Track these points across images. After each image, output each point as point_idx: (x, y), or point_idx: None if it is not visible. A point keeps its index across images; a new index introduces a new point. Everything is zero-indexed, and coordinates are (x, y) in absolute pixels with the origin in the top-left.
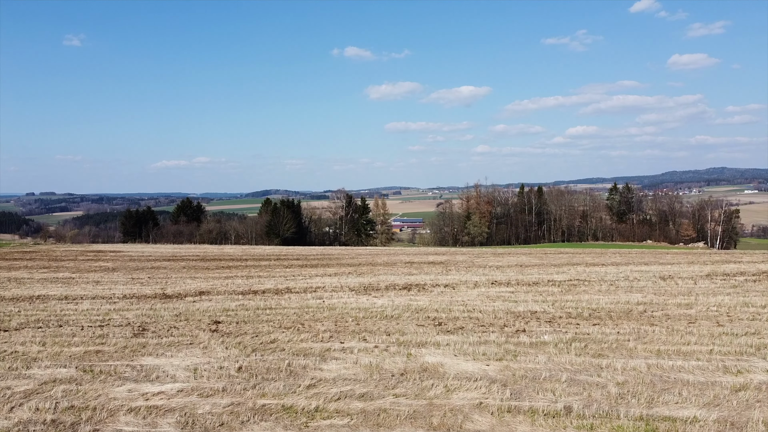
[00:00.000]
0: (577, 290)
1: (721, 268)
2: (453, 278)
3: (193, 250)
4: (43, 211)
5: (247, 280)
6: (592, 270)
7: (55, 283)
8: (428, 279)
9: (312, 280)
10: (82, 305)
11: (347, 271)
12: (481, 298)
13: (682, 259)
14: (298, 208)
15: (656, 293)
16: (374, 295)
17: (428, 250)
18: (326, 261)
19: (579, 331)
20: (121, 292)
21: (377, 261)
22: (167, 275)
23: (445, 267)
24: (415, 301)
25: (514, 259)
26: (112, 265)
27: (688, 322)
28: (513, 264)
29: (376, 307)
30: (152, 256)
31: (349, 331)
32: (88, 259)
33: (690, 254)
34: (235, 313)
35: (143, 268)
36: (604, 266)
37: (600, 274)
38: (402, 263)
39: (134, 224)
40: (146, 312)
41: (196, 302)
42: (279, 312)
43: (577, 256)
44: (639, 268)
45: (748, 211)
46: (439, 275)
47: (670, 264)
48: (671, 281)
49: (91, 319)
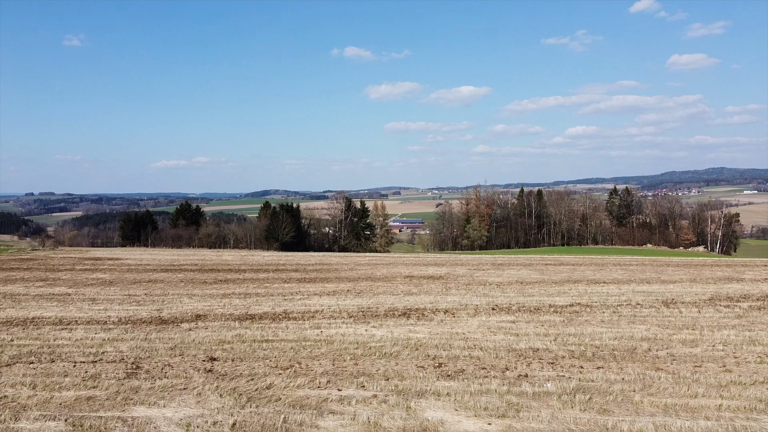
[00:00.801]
0: (579, 320)
1: (724, 290)
2: (453, 300)
3: (191, 256)
4: (42, 211)
5: (244, 299)
6: (594, 291)
7: (50, 301)
8: (428, 301)
9: (310, 301)
10: (76, 332)
11: (346, 287)
12: (481, 330)
13: (684, 274)
14: (297, 212)
15: (660, 325)
16: (373, 324)
17: (427, 258)
18: (324, 274)
19: (583, 377)
20: (116, 315)
21: (376, 275)
22: (164, 291)
23: (444, 284)
24: (415, 333)
25: (515, 273)
26: (110, 278)
27: (694, 365)
28: (513, 280)
29: (375, 341)
30: (150, 264)
31: (347, 374)
32: (86, 269)
33: (691, 267)
34: (231, 347)
35: (140, 282)
36: (606, 284)
37: (602, 296)
38: (401, 277)
39: (133, 228)
40: (140, 344)
41: (192, 330)
42: (276, 347)
43: (578, 270)
44: (641, 288)
45: (748, 212)
46: (438, 295)
47: (672, 282)
48: (674, 308)
49: (85, 352)
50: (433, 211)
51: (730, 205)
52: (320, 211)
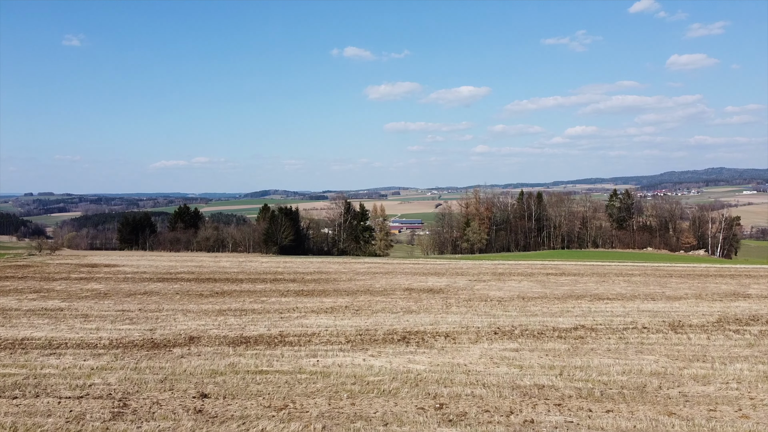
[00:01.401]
0: (584, 348)
1: (731, 309)
2: (453, 321)
3: (189, 263)
4: (41, 211)
5: (240, 317)
6: (598, 309)
7: (42, 318)
8: (428, 322)
9: (307, 320)
10: (65, 359)
11: (344, 303)
12: (484, 361)
13: (688, 288)
14: (296, 215)
15: (669, 356)
16: (371, 352)
17: (427, 266)
18: (322, 285)
19: (592, 424)
20: (108, 336)
21: (375, 287)
22: (159, 306)
23: (445, 300)
24: (414, 364)
25: (516, 286)
26: (105, 289)
27: (708, 408)
28: (515, 295)
29: (373, 374)
30: (146, 272)
31: (343, 417)
32: (82, 278)
33: (695, 278)
34: (223, 380)
35: (135, 294)
36: (610, 301)
37: (606, 317)
38: (401, 290)
39: (131, 231)
40: (129, 374)
41: (185, 357)
42: (270, 380)
43: (580, 282)
44: (646, 307)
45: (747, 212)
46: (439, 314)
47: (677, 299)
48: (682, 333)
49: (71, 384)
50: (433, 211)
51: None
52: (319, 212)
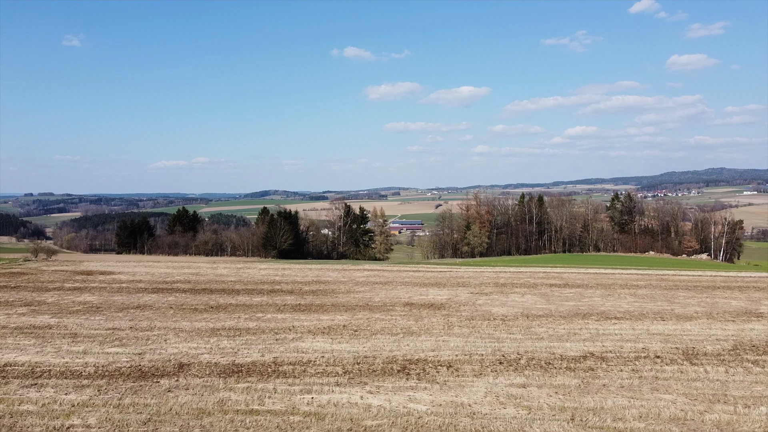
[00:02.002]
0: (595, 383)
1: (745, 332)
2: (456, 347)
3: (186, 269)
4: (41, 212)
5: (233, 339)
6: (606, 331)
7: (29, 337)
8: (429, 348)
9: (303, 343)
10: (45, 391)
11: (341, 321)
12: (489, 400)
13: (697, 304)
14: (296, 219)
15: (687, 395)
16: (368, 388)
17: (428, 275)
18: (320, 298)
19: None
20: (94, 361)
21: (374, 301)
22: (151, 323)
23: (446, 318)
24: (415, 404)
25: (519, 301)
26: (97, 302)
27: None
28: (518, 312)
29: (371, 418)
30: (142, 281)
31: None
32: (75, 288)
33: (702, 290)
34: (210, 423)
35: (128, 308)
36: (618, 321)
37: (616, 342)
38: (400, 305)
39: (129, 235)
40: (111, 414)
41: (172, 390)
42: (260, 424)
43: (585, 296)
44: (656, 329)
45: (748, 213)
46: (440, 336)
47: (688, 319)
48: (698, 364)
49: (48, 426)
50: (433, 212)
51: (730, 207)
52: (319, 212)
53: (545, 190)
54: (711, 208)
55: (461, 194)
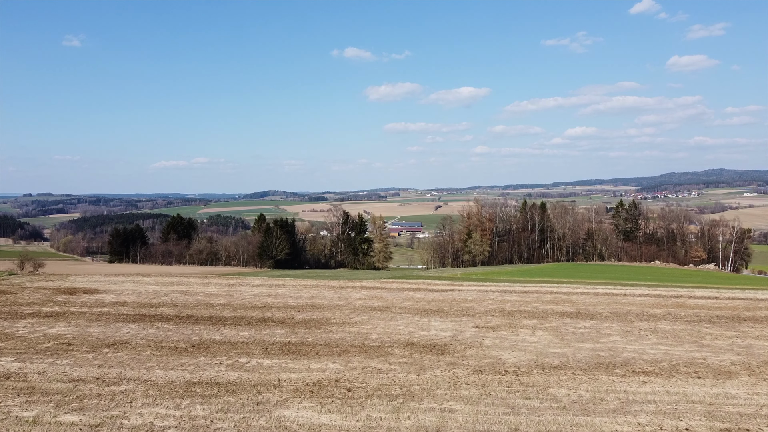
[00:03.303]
0: None
1: None
2: (464, 424)
3: (176, 286)
4: (39, 212)
5: (208, 404)
6: (637, 396)
7: None
8: (432, 424)
9: (287, 411)
10: None
11: (333, 375)
12: None
13: (729, 347)
14: (293, 228)
15: None
16: None
17: (429, 299)
18: (313, 333)
19: None
20: None
21: (371, 338)
22: (121, 372)
23: (451, 370)
24: None
25: (530, 341)
26: (71, 335)
27: None
28: (532, 361)
29: None
30: (126, 303)
31: None
32: (52, 315)
33: (728, 322)
34: None
35: (102, 346)
36: (647, 378)
37: (652, 416)
38: (400, 346)
39: (122, 243)
40: None
41: None
42: None
43: (602, 334)
44: (694, 392)
45: (748, 215)
46: (445, 402)
47: (726, 374)
48: None
49: None
50: (433, 213)
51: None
52: (318, 213)
53: (545, 191)
54: (711, 210)
55: (461, 195)
